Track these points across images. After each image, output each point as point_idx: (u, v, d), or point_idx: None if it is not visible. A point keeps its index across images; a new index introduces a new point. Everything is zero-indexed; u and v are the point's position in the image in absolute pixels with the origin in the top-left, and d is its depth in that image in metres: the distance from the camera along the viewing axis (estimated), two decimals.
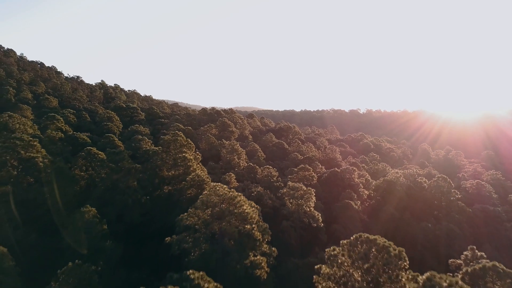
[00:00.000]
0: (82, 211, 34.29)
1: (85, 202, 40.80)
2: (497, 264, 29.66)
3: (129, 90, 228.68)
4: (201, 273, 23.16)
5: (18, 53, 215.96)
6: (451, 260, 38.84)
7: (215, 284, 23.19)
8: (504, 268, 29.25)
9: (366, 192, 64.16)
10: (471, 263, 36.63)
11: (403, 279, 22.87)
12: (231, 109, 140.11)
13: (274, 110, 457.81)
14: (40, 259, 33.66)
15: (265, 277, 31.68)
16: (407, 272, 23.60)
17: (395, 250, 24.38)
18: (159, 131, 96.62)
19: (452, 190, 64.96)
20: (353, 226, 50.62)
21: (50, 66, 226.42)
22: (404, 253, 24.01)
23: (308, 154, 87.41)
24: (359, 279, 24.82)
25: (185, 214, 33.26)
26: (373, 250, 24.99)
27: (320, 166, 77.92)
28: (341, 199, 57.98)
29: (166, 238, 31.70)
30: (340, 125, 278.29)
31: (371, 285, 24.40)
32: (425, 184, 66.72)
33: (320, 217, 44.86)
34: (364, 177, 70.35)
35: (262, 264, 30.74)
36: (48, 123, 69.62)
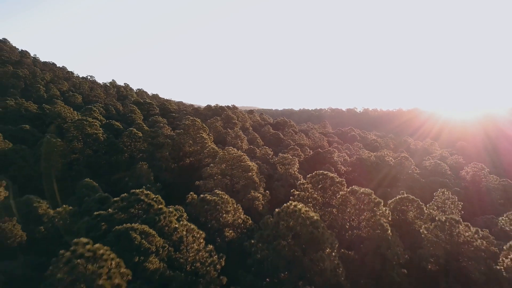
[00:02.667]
0: (137, 166, 50.77)
1: (131, 165, 57.41)
2: (410, 196, 46.16)
3: (137, 89, 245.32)
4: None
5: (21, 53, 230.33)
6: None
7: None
8: (414, 197, 45.68)
9: (343, 168, 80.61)
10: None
11: (341, 192, 39.33)
12: (233, 105, 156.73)
13: (273, 109, 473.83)
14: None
15: (261, 208, 48.05)
16: (345, 189, 39.99)
17: (338, 178, 40.98)
18: (172, 123, 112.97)
19: (412, 167, 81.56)
20: None
21: (61, 66, 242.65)
22: (340, 178, 40.60)
23: (300, 142, 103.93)
24: (316, 196, 41.29)
25: (208, 167, 49.76)
26: (326, 180, 41.52)
27: (309, 150, 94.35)
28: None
29: (196, 182, 48.13)
30: (337, 124, 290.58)
31: (324, 199, 40.96)
32: (391, 162, 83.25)
33: (302, 178, 61.27)
34: (343, 157, 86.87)
35: (259, 197, 47.15)
36: (87, 114, 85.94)
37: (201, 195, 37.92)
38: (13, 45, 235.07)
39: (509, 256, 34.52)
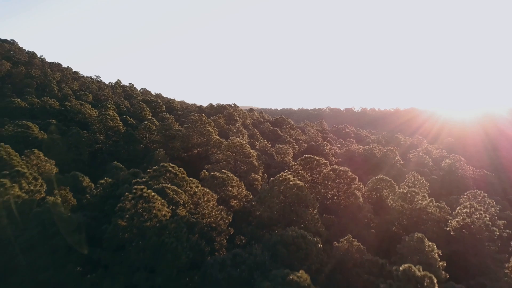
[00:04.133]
0: (155, 153, 59.71)
1: (147, 154, 66.30)
2: (384, 177, 55.10)
3: (141, 89, 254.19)
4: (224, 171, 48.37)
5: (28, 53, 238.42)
6: None
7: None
8: (387, 178, 54.58)
9: (334, 159, 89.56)
10: None
11: (325, 170, 48.22)
12: (234, 104, 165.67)
13: (272, 108, 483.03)
14: None
15: (260, 187, 56.89)
16: (328, 169, 48.86)
17: (323, 160, 49.99)
18: (178, 119, 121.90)
19: (396, 158, 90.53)
20: None
21: (66, 66, 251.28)
22: (325, 161, 49.59)
23: (296, 137, 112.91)
24: (305, 175, 50.19)
25: (215, 154, 58.64)
26: (313, 162, 50.50)
27: (304, 144, 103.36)
28: None
29: (206, 166, 56.99)
30: (336, 123, 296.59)
31: (311, 177, 49.91)
32: (378, 155, 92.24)
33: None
34: (334, 150, 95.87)
35: (258, 179, 56.06)
36: (102, 110, 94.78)
37: (211, 173, 46.84)
38: (20, 46, 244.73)
39: (456, 220, 43.70)
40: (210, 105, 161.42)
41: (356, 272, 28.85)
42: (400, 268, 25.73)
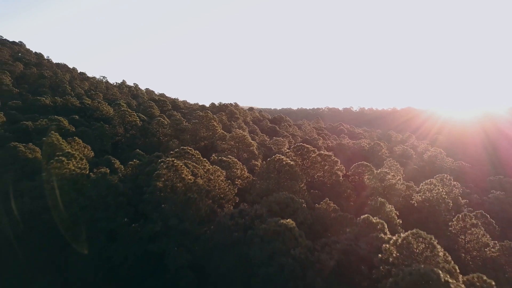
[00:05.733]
0: (169, 143, 69.48)
1: (160, 146, 76.07)
2: (365, 162, 64.82)
3: (145, 89, 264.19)
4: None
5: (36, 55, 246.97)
6: None
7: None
8: (367, 163, 64.38)
9: (326, 151, 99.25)
10: None
11: (313, 155, 58.04)
12: (235, 103, 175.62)
13: (272, 108, 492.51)
14: None
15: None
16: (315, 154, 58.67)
17: (313, 148, 59.85)
18: (184, 117, 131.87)
19: (383, 151, 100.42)
20: None
21: (72, 67, 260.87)
22: (314, 148, 59.45)
23: (293, 133, 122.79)
24: (296, 160, 59.97)
25: (220, 144, 68.44)
26: (304, 149, 60.29)
27: (300, 139, 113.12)
28: None
29: (213, 154, 66.72)
30: (334, 122, 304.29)
31: (302, 162, 59.73)
32: (366, 147, 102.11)
33: None
34: (327, 144, 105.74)
35: (258, 165, 65.84)
36: (117, 108, 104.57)
37: (219, 157, 56.75)
38: (28, 47, 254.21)
39: (418, 194, 53.62)
40: (213, 104, 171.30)
41: (331, 223, 38.73)
42: (361, 217, 35.87)
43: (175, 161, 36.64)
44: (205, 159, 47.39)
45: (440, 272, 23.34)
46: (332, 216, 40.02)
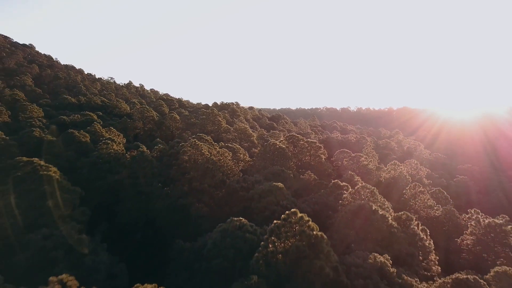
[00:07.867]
0: (182, 134, 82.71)
1: (172, 138, 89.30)
2: (346, 149, 78.24)
3: (150, 89, 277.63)
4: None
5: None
6: None
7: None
8: (348, 150, 77.77)
9: (312, 139, 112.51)
10: None
11: (301, 142, 71.39)
12: (237, 102, 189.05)
13: (271, 108, 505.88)
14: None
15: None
16: (304, 141, 72.07)
17: (302, 137, 73.20)
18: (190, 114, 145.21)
19: (368, 143, 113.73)
20: None
21: (78, 68, 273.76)
22: (302, 137, 72.78)
23: (289, 129, 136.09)
24: (289, 147, 73.26)
25: (226, 135, 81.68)
26: (295, 138, 73.57)
27: (295, 134, 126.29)
28: None
29: (220, 143, 79.95)
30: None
31: (293, 149, 73.11)
32: (354, 141, 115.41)
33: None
34: (318, 138, 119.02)
35: (257, 151, 78.96)
36: (132, 106, 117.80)
37: (226, 144, 70.02)
38: (37, 50, 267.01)
39: (385, 173, 66.86)
40: (215, 103, 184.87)
41: (311, 188, 51.99)
42: (332, 182, 49.24)
43: (196, 141, 49.85)
44: (215, 143, 60.55)
45: (373, 205, 36.60)
46: (313, 184, 53.28)
